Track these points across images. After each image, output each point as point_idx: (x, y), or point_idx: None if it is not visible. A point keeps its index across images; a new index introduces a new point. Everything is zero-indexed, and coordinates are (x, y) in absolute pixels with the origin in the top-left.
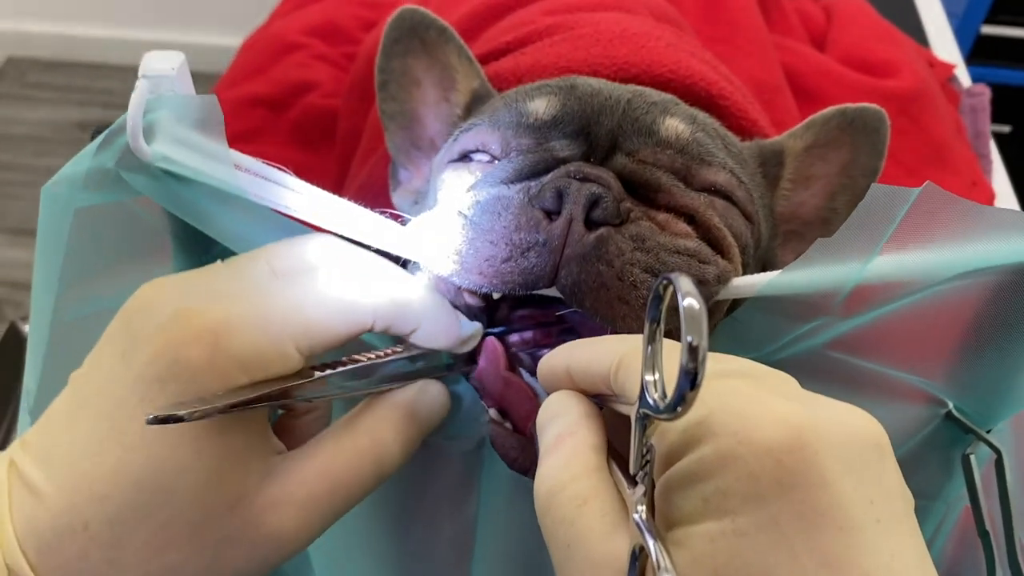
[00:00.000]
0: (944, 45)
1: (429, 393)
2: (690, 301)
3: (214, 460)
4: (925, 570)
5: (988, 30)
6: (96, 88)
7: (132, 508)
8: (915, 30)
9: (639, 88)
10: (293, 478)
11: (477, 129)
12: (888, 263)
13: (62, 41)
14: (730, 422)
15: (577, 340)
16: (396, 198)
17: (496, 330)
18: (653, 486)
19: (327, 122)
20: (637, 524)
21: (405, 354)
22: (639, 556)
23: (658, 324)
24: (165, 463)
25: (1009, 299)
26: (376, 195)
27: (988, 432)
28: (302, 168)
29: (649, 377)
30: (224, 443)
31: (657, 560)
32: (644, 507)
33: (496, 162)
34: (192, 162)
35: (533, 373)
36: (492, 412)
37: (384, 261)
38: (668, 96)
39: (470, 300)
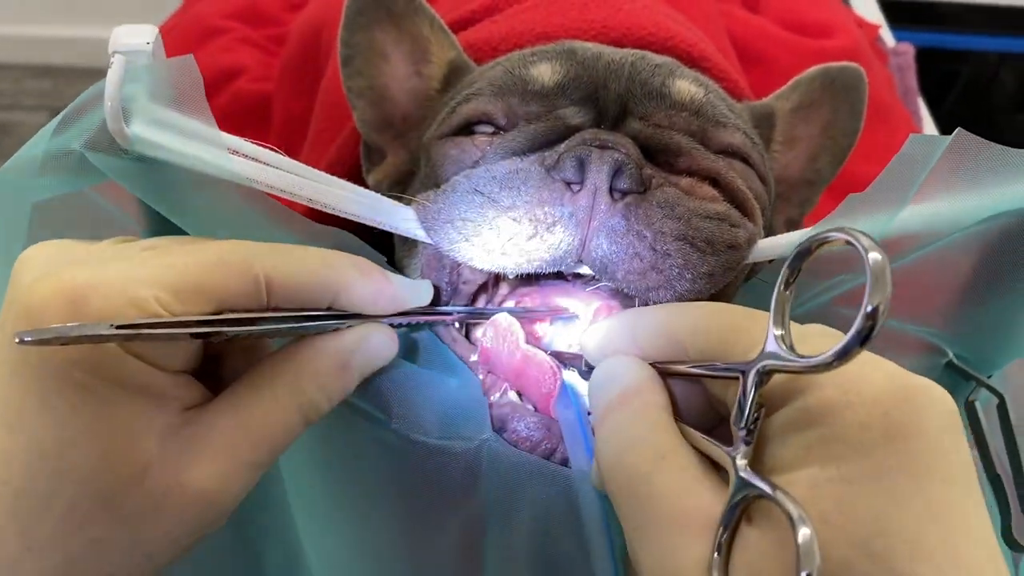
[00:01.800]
0: (865, 8)
1: (371, 343)
2: (874, 256)
3: (102, 432)
4: (995, 539)
5: None
6: None
7: (30, 492)
8: None
9: (638, 51)
10: (207, 434)
11: (478, 99)
12: (915, 214)
13: None
14: (835, 373)
15: (636, 308)
16: (371, 179)
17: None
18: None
19: (260, 107)
20: (741, 477)
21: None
22: (736, 510)
23: (795, 280)
24: (50, 443)
25: (1015, 244)
26: (345, 177)
27: (988, 378)
28: None
29: (777, 331)
30: (109, 413)
31: (786, 507)
32: (746, 460)
33: (501, 133)
34: (176, 145)
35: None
36: (511, 394)
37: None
38: (669, 58)
39: (471, 277)
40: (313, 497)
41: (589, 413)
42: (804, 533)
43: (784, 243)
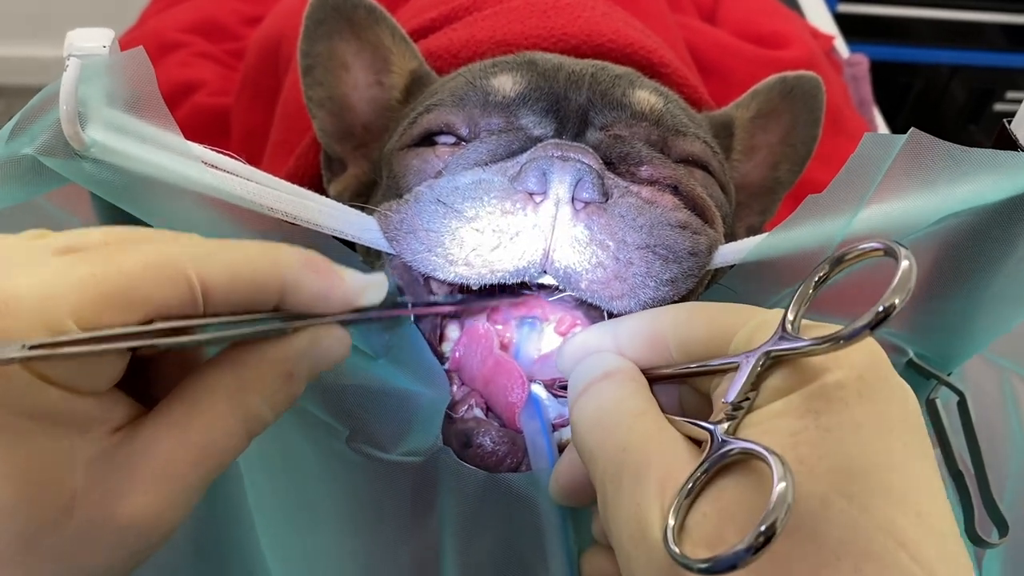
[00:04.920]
0: (820, 20)
1: (322, 346)
2: (906, 263)
3: (18, 470)
4: (947, 500)
5: (844, 8)
6: None
7: None
8: (792, 8)
9: (598, 62)
10: (141, 458)
11: (439, 110)
12: (874, 215)
13: None
14: None
15: (614, 319)
16: (332, 190)
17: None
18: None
19: (218, 121)
20: (721, 439)
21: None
22: (712, 468)
23: (823, 282)
24: None
25: (972, 242)
26: (307, 187)
27: (948, 376)
28: None
29: (791, 316)
30: (25, 449)
31: (767, 459)
32: (727, 426)
33: (463, 144)
34: (135, 151)
35: None
36: (476, 409)
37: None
38: (628, 69)
39: (438, 290)
40: (274, 509)
41: (553, 427)
42: (781, 487)
43: (744, 248)
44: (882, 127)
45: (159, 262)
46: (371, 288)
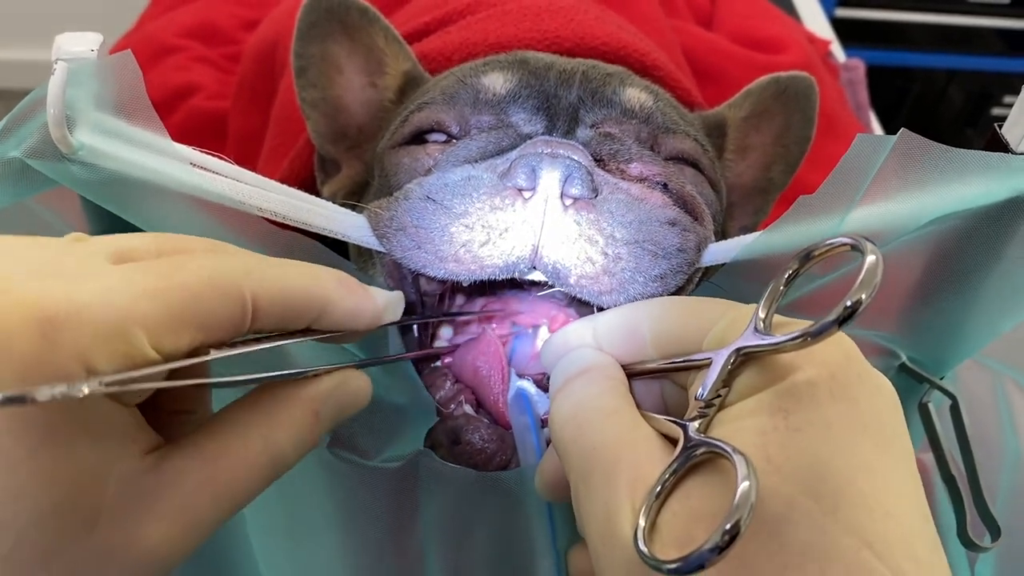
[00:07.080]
0: (816, 25)
1: (348, 389)
2: (871, 257)
3: (59, 481)
4: (927, 508)
5: (841, 13)
6: None
7: None
8: (788, 12)
9: (589, 60)
10: (169, 487)
11: (430, 108)
12: (865, 217)
13: None
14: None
15: (595, 314)
16: (326, 191)
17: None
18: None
19: (216, 125)
20: (692, 438)
21: (314, 337)
22: (683, 466)
23: (794, 278)
24: None
25: (963, 244)
26: (300, 188)
27: (941, 380)
28: None
29: (761, 314)
30: (72, 458)
31: (733, 459)
32: (699, 424)
33: (454, 141)
34: (123, 154)
35: None
36: (466, 406)
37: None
38: (620, 68)
39: (428, 288)
40: (261, 510)
41: (542, 422)
42: (744, 486)
43: (734, 247)
44: (879, 132)
45: (218, 278)
46: (392, 304)
